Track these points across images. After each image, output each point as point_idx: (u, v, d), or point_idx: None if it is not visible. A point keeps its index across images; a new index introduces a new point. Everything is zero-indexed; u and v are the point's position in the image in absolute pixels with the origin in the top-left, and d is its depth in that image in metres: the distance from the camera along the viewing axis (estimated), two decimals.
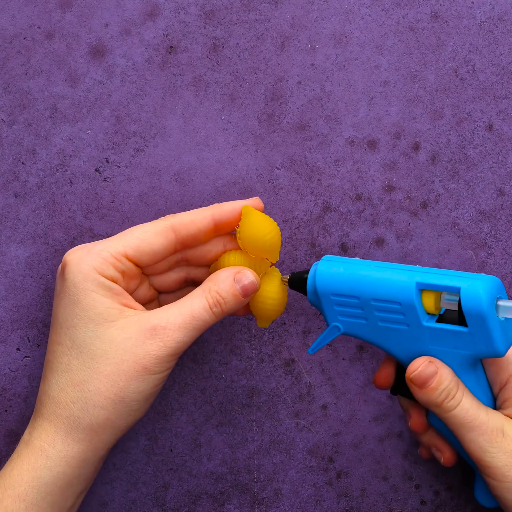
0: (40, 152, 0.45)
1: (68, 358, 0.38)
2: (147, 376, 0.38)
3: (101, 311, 0.38)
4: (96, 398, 0.37)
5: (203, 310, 0.38)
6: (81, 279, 0.38)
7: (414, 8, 0.45)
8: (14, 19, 0.44)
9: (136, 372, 0.37)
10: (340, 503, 0.46)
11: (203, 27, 0.45)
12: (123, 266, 0.39)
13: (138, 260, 0.39)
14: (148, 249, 0.39)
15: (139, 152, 0.45)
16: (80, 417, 0.37)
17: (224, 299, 0.39)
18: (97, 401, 0.37)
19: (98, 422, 0.37)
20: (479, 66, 0.46)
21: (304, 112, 0.45)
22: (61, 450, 0.37)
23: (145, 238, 0.39)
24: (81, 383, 0.38)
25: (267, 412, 0.46)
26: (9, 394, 0.45)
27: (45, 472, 0.37)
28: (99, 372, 0.37)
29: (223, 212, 0.40)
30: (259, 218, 0.40)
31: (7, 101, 0.44)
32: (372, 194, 0.46)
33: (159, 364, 0.38)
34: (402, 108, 0.46)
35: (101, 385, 0.37)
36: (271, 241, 0.40)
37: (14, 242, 0.45)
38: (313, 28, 0.45)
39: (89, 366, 0.38)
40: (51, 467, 0.37)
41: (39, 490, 0.37)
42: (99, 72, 0.45)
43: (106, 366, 0.38)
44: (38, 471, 0.37)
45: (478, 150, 0.46)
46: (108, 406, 0.37)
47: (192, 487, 0.46)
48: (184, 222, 0.40)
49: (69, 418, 0.37)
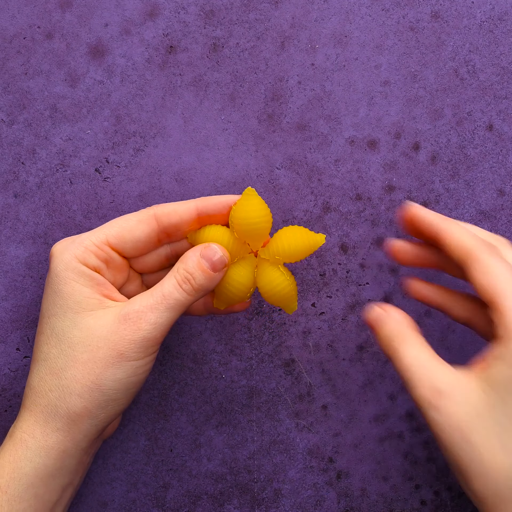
0: (40, 152, 0.45)
1: (47, 347, 0.38)
2: (123, 362, 0.37)
3: (79, 300, 0.38)
4: (73, 385, 0.37)
5: (172, 288, 0.38)
6: (63, 268, 0.38)
7: (414, 8, 0.45)
8: (14, 19, 0.44)
9: (112, 359, 0.37)
10: (340, 503, 0.46)
11: (203, 27, 0.45)
12: (106, 255, 0.39)
13: (121, 248, 0.39)
14: (130, 237, 0.39)
15: (139, 152, 0.45)
16: (58, 405, 0.37)
17: (192, 275, 0.38)
18: (74, 389, 0.37)
19: (75, 411, 0.37)
20: (479, 66, 0.46)
21: (304, 112, 0.45)
22: (40, 440, 0.37)
23: (127, 226, 0.39)
24: (59, 371, 0.37)
25: (267, 412, 0.46)
26: (9, 394, 0.45)
27: (26, 463, 0.37)
28: (76, 360, 0.37)
29: (208, 205, 0.40)
30: (255, 202, 0.40)
31: (7, 101, 0.44)
32: (372, 194, 0.46)
33: (135, 349, 0.37)
34: (402, 108, 0.45)
35: (77, 373, 0.37)
36: (258, 228, 0.40)
37: (14, 242, 0.45)
38: (313, 28, 0.45)
39: (66, 354, 0.37)
40: (31, 457, 0.37)
41: (20, 481, 0.37)
42: (99, 72, 0.44)
43: (82, 354, 0.37)
44: (19, 462, 0.37)
45: (478, 150, 0.46)
46: (84, 394, 0.37)
47: (192, 487, 0.46)
48: (166, 211, 0.40)
49: (47, 406, 0.37)
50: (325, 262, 0.46)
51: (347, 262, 0.46)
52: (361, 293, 0.46)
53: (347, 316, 0.46)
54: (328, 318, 0.46)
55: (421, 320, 0.46)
